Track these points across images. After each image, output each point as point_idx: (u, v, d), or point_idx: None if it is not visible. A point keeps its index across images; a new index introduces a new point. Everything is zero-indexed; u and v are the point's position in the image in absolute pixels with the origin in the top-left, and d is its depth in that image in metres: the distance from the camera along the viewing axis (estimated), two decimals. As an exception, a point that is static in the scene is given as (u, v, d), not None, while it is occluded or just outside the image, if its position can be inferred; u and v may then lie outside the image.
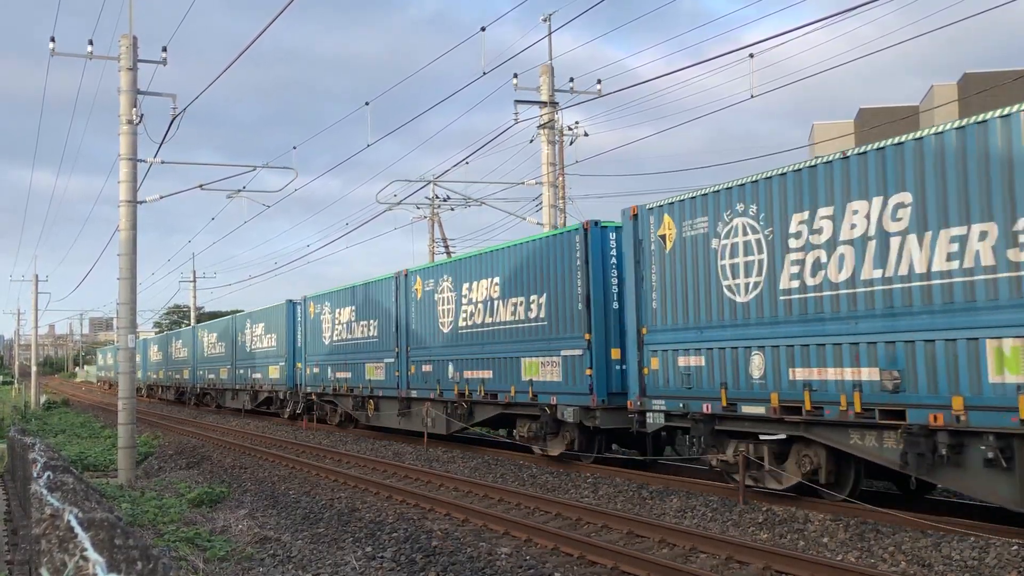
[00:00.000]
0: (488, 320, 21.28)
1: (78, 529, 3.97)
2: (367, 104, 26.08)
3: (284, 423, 36.52)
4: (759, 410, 13.37)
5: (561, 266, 18.51)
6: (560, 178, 27.71)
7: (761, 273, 13.45)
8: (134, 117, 21.67)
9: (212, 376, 48.19)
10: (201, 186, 24.89)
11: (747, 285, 13.71)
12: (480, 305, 21.63)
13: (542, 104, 25.77)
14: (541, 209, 26.75)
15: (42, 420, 45.96)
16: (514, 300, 20.22)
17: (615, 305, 17.66)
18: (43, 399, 65.57)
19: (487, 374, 21.13)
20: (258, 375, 39.99)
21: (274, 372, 37.69)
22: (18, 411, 51.39)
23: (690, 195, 14.84)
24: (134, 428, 22.01)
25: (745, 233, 13.75)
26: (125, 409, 21.71)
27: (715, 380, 14.23)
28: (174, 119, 21.69)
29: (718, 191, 14.29)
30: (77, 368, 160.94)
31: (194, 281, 72.01)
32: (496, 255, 21.08)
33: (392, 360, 26.08)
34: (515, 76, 25.23)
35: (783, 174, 13.10)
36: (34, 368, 72.70)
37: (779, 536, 11.86)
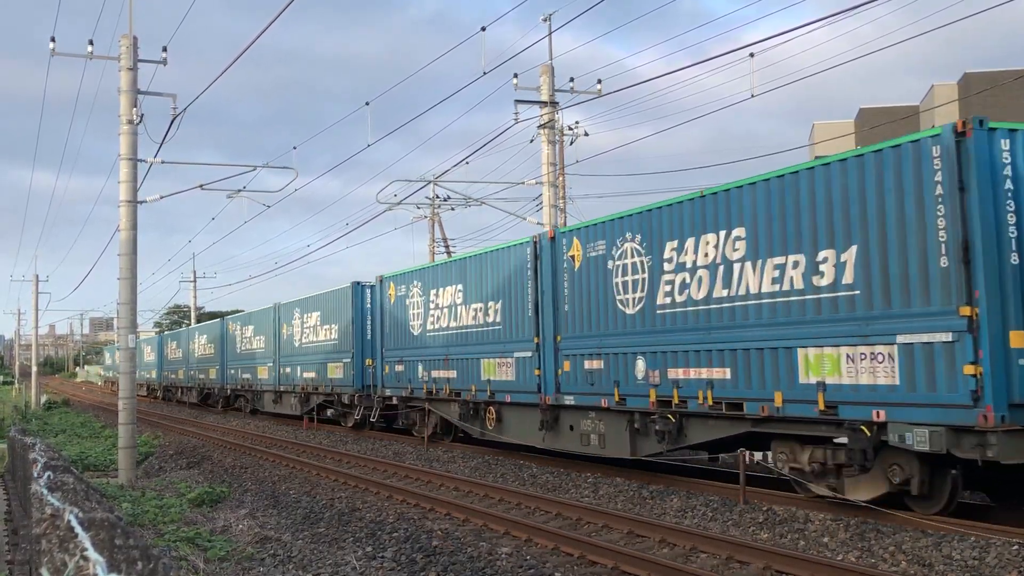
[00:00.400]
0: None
1: (78, 529, 3.97)
2: (367, 104, 26.10)
3: (347, 431, 30.55)
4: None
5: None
6: (560, 178, 27.71)
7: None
8: (134, 117, 21.67)
9: (247, 376, 41.23)
10: (201, 186, 24.90)
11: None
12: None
13: (542, 104, 25.77)
14: (541, 209, 26.75)
15: (42, 420, 45.97)
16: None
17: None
18: (43, 399, 65.60)
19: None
20: (311, 374, 33.28)
21: (335, 371, 30.85)
22: (18, 411, 51.41)
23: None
24: (134, 428, 22.01)
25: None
26: (125, 409, 21.71)
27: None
28: (174, 119, 21.69)
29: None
30: (78, 368, 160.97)
31: (194, 281, 72.07)
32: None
33: (528, 354, 19.78)
34: (515, 76, 25.23)
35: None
36: (34, 368, 72.75)
37: (780, 536, 11.87)
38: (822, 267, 12.52)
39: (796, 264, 12.93)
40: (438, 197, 39.41)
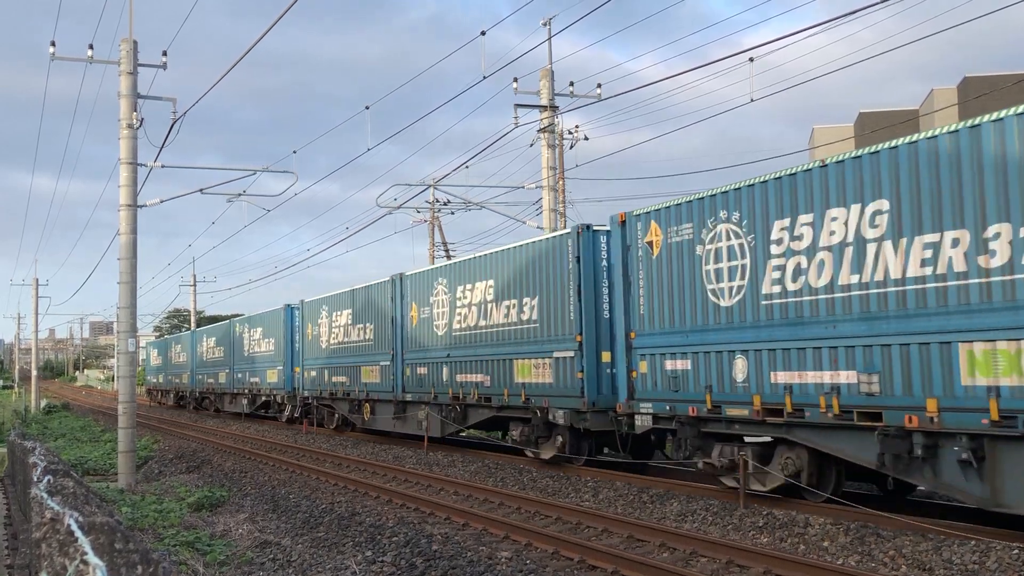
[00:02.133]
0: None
1: (78, 533, 3.97)
2: (367, 108, 26.12)
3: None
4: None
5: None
6: (560, 182, 27.73)
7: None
8: (134, 121, 21.70)
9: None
10: (201, 190, 24.93)
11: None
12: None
13: (542, 108, 25.79)
14: (541, 213, 26.76)
15: (42, 424, 45.98)
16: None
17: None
18: (43, 403, 65.56)
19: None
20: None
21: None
22: (18, 415, 51.39)
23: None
24: (134, 432, 22.02)
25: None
26: (125, 413, 21.71)
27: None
28: (174, 123, 21.73)
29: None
30: (78, 372, 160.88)
31: (194, 285, 72.04)
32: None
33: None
34: (515, 80, 25.25)
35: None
36: (34, 372, 72.72)
37: (780, 540, 11.85)
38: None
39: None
40: (438, 201, 39.44)
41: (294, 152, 33.11)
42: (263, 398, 39.65)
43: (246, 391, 41.57)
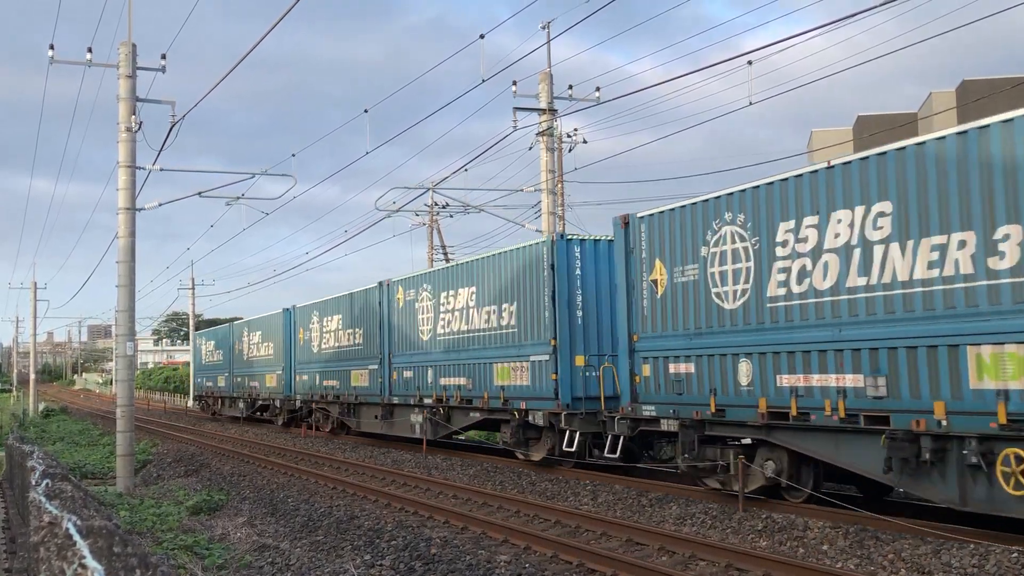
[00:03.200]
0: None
1: (77, 537, 3.96)
2: (366, 111, 26.13)
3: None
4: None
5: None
6: (559, 185, 27.74)
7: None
8: (133, 124, 21.70)
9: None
10: (200, 193, 24.91)
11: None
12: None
13: (541, 111, 25.80)
14: (540, 216, 26.76)
15: (40, 427, 45.93)
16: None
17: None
18: (41, 407, 65.50)
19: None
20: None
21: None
22: (16, 418, 51.34)
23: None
24: (132, 436, 21.99)
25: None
26: (123, 417, 21.69)
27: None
28: (173, 126, 21.73)
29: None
30: (76, 375, 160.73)
31: (192, 288, 72.02)
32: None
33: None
34: (514, 83, 25.27)
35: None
36: (32, 375, 72.65)
37: (779, 543, 11.85)
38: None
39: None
40: (437, 204, 39.47)
41: (293, 155, 33.11)
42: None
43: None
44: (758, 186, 13.60)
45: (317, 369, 32.66)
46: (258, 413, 40.65)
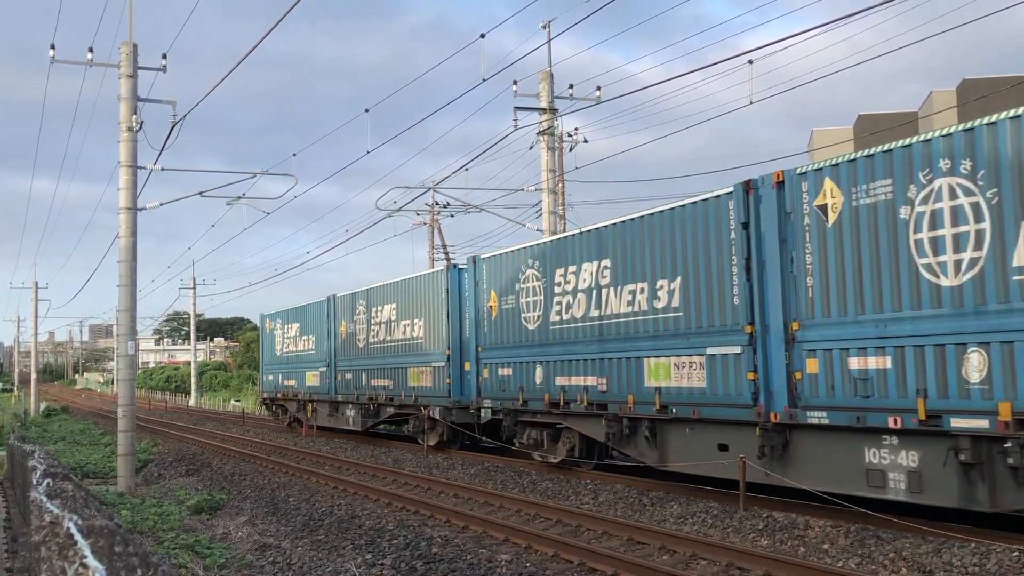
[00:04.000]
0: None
1: (78, 536, 3.97)
2: (367, 111, 26.14)
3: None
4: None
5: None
6: (560, 184, 27.74)
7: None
8: (134, 124, 21.71)
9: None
10: (201, 193, 24.93)
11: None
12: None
13: (541, 111, 25.81)
14: (541, 216, 26.77)
15: (42, 427, 45.96)
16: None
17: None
18: (43, 406, 65.56)
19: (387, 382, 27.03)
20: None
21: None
22: (17, 418, 51.38)
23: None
24: (133, 435, 22.01)
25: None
26: (124, 416, 21.71)
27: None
28: (174, 126, 21.73)
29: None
30: (77, 375, 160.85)
31: (194, 288, 72.08)
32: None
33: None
34: (515, 83, 25.27)
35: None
36: (34, 375, 72.71)
37: (780, 542, 11.85)
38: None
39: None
40: (437, 204, 39.46)
41: (294, 155, 33.12)
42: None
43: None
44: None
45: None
46: (387, 426, 30.41)
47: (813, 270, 12.56)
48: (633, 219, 16.16)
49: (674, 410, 14.95)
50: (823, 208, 12.47)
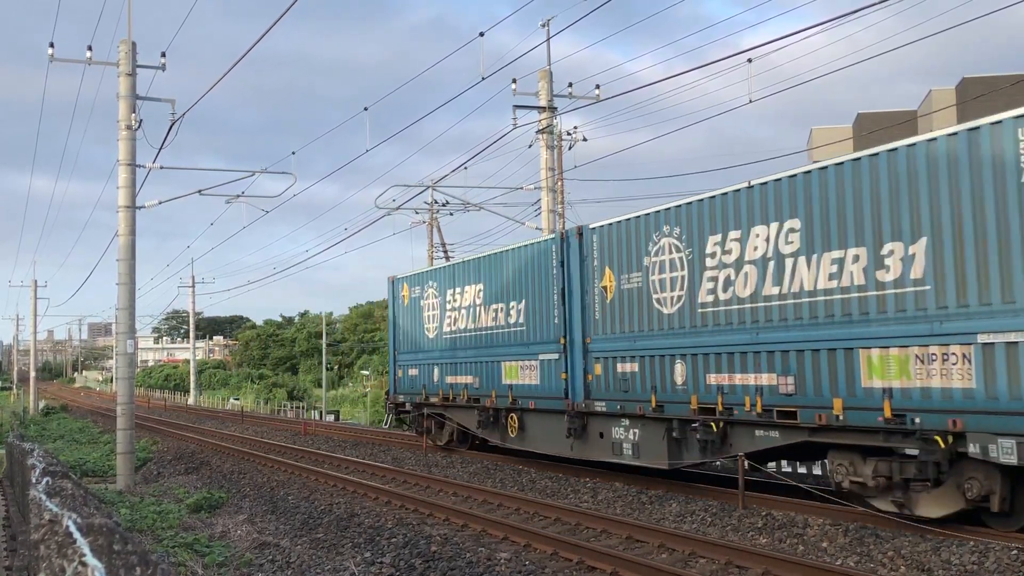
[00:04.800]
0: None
1: (77, 535, 3.97)
2: (366, 109, 26.13)
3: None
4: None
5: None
6: (559, 183, 27.73)
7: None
8: (133, 122, 21.70)
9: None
10: (200, 191, 24.93)
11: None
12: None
13: (541, 109, 25.80)
14: (540, 214, 26.76)
15: (41, 426, 45.95)
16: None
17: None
18: (42, 405, 65.56)
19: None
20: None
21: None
22: (17, 417, 51.38)
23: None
24: (133, 434, 22.00)
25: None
26: (124, 415, 21.70)
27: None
28: (173, 124, 21.72)
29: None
30: (76, 373, 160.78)
31: (193, 286, 72.06)
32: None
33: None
34: (514, 81, 25.26)
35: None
36: (33, 374, 72.69)
37: (778, 541, 11.86)
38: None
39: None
40: (437, 202, 39.44)
41: (293, 153, 33.12)
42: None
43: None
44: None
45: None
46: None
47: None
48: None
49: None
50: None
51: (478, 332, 21.65)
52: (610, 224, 17.02)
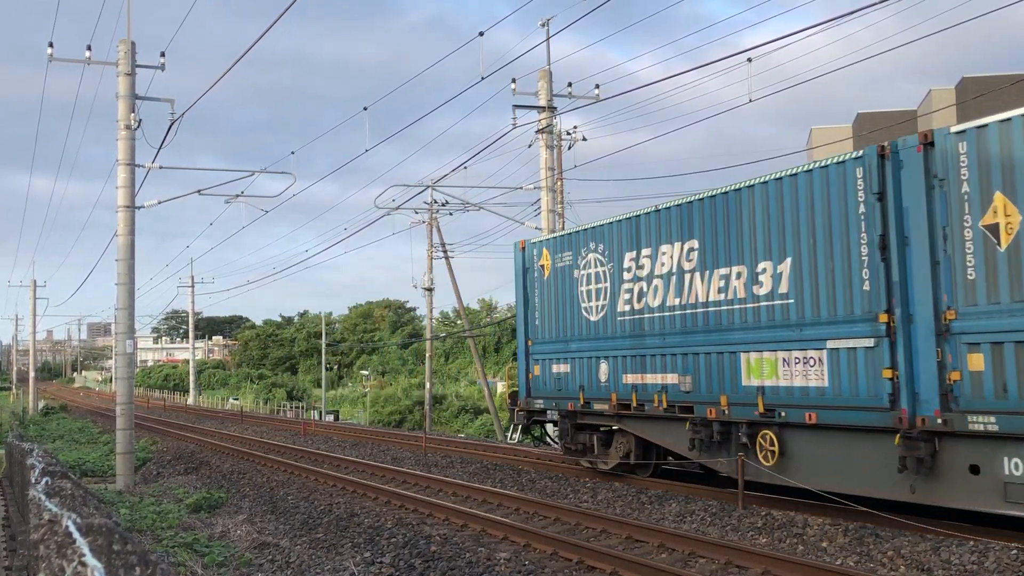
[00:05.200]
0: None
1: (76, 535, 3.97)
2: (365, 109, 26.15)
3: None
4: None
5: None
6: (559, 183, 27.73)
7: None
8: (132, 122, 21.69)
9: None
10: (200, 191, 24.93)
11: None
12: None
13: (540, 109, 25.79)
14: (540, 214, 26.76)
15: (40, 426, 45.95)
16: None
17: None
18: (41, 405, 65.57)
19: None
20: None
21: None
22: (16, 417, 51.37)
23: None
24: (132, 434, 22.00)
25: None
26: (123, 414, 21.70)
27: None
28: (172, 124, 21.72)
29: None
30: (75, 373, 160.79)
31: (192, 286, 72.05)
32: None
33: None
34: (513, 81, 25.25)
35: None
36: (32, 374, 72.68)
37: (778, 540, 11.86)
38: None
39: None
40: (436, 202, 39.44)
41: (292, 153, 33.15)
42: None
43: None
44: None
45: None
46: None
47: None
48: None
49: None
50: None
51: (689, 311, 15.10)
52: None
